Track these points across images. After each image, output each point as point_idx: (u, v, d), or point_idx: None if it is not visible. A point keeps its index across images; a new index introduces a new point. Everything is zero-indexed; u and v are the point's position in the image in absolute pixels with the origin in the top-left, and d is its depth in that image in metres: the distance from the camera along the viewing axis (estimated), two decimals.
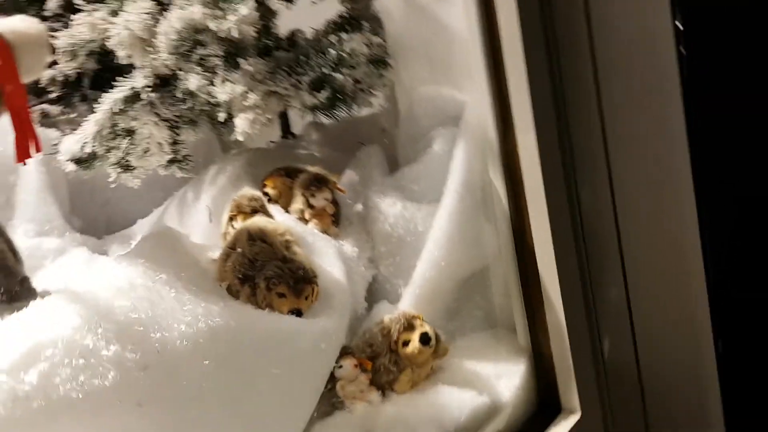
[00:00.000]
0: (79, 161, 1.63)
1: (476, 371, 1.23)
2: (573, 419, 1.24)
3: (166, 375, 0.83)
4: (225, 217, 1.31)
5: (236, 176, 1.55)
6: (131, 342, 0.83)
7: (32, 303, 0.90)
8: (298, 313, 1.09)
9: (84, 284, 0.89)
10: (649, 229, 1.28)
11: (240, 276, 1.11)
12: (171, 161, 1.64)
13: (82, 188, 1.93)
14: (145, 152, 1.58)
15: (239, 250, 1.13)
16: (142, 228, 1.87)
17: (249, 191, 1.31)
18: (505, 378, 1.23)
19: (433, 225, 1.26)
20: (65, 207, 1.84)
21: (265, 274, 1.10)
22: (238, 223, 1.26)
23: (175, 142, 1.64)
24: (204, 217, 1.61)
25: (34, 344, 0.79)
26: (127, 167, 1.61)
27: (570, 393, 1.26)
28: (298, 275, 1.11)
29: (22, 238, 1.64)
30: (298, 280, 1.11)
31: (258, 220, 1.20)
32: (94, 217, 1.94)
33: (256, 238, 1.14)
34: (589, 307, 1.33)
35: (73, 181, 1.89)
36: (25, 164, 1.21)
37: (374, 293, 1.37)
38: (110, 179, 1.56)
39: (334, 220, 1.39)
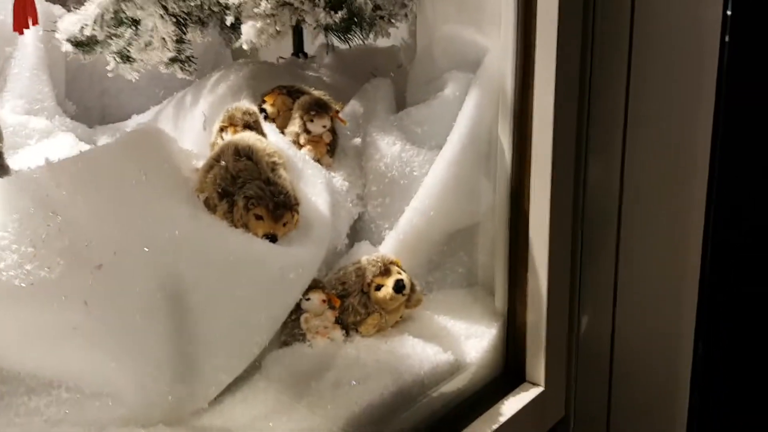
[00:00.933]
0: (77, 43, 1.56)
1: (446, 327, 1.20)
2: (535, 392, 1.22)
3: (118, 277, 0.79)
4: (216, 126, 1.25)
5: (237, 87, 1.48)
6: (87, 239, 0.78)
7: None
8: (273, 238, 1.05)
9: (51, 170, 0.84)
10: (653, 218, 1.23)
11: (219, 190, 1.06)
12: (173, 59, 1.56)
13: (80, 73, 1.87)
14: (147, 45, 1.51)
15: (223, 163, 1.08)
16: (136, 123, 1.81)
17: (245, 104, 1.24)
18: (475, 339, 1.19)
19: (430, 172, 1.20)
20: (60, 89, 1.78)
21: (245, 192, 1.05)
22: (228, 135, 1.20)
23: (180, 40, 1.56)
24: (198, 124, 1.55)
25: None
26: (127, 58, 1.54)
27: (537, 365, 1.23)
28: (279, 199, 1.06)
29: (8, 113, 1.58)
30: (278, 205, 1.06)
31: (248, 136, 1.14)
32: (89, 105, 1.88)
33: (243, 153, 1.09)
34: (574, 282, 1.29)
35: (71, 65, 1.82)
36: (22, 33, 1.15)
37: (357, 232, 1.32)
38: (108, 68, 1.50)
39: (329, 149, 1.33)
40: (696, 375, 1.21)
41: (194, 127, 1.57)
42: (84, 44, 1.56)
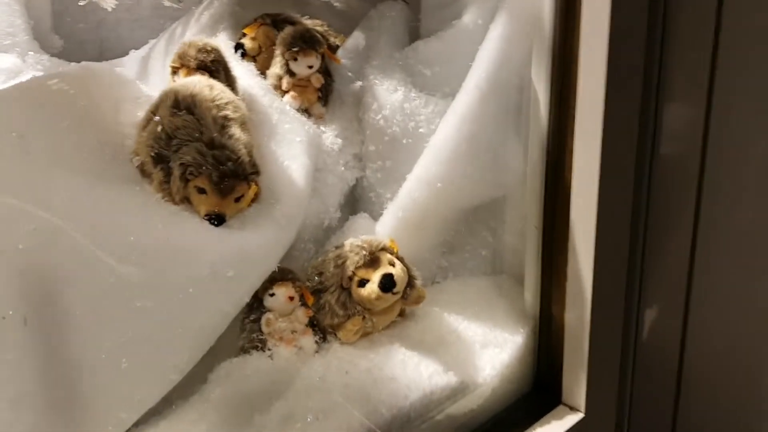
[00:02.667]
0: None
1: (456, 330, 0.93)
2: (573, 418, 0.93)
3: None
4: (168, 69, 0.99)
5: (218, 15, 1.21)
6: None
7: None
8: (219, 218, 0.80)
9: None
10: (744, 190, 0.89)
11: (153, 153, 0.81)
12: None
13: (71, 3, 1.64)
14: None
15: (157, 118, 0.82)
16: (133, 60, 1.58)
17: (201, 40, 0.97)
18: (494, 348, 0.92)
19: (437, 131, 0.90)
20: (45, 22, 1.56)
21: (181, 157, 0.80)
22: (180, 79, 0.94)
23: None
24: None
25: None
26: None
27: (576, 383, 0.94)
28: (227, 167, 0.80)
29: None
30: (224, 174, 0.80)
31: (194, 82, 0.87)
32: (83, 39, 1.66)
33: (183, 105, 0.83)
34: (633, 274, 0.98)
35: None
36: None
37: (355, 201, 1.05)
38: None
39: (320, 96, 1.05)
40: None
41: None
42: None
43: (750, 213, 0.91)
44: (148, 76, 1.42)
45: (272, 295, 0.86)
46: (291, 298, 0.86)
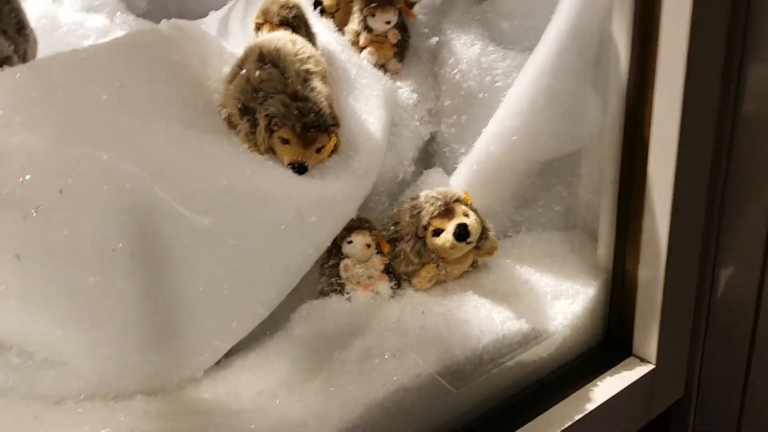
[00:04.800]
0: None
1: (528, 281, 0.94)
2: (642, 369, 0.94)
3: (62, 224, 0.62)
4: (252, 25, 1.03)
5: None
6: (24, 173, 0.61)
7: None
8: (301, 167, 0.84)
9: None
10: None
11: (240, 105, 0.86)
12: None
13: None
14: None
15: (244, 71, 0.86)
16: (213, 21, 1.63)
17: None
18: (565, 299, 0.93)
19: (515, 84, 0.91)
20: None
21: (266, 109, 0.84)
22: (265, 35, 0.98)
23: None
24: None
25: None
26: None
27: (647, 336, 0.95)
28: (309, 119, 0.84)
29: (67, 11, 1.45)
30: (307, 126, 0.84)
31: (278, 37, 0.90)
32: (164, 0, 1.72)
33: (268, 59, 0.87)
34: (709, 230, 0.97)
35: None
36: None
37: (430, 156, 1.08)
38: None
39: (397, 52, 1.07)
40: None
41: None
42: None
43: None
44: (228, 35, 1.47)
45: (350, 242, 0.90)
46: (368, 246, 0.90)
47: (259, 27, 1.00)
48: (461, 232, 0.87)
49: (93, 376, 0.66)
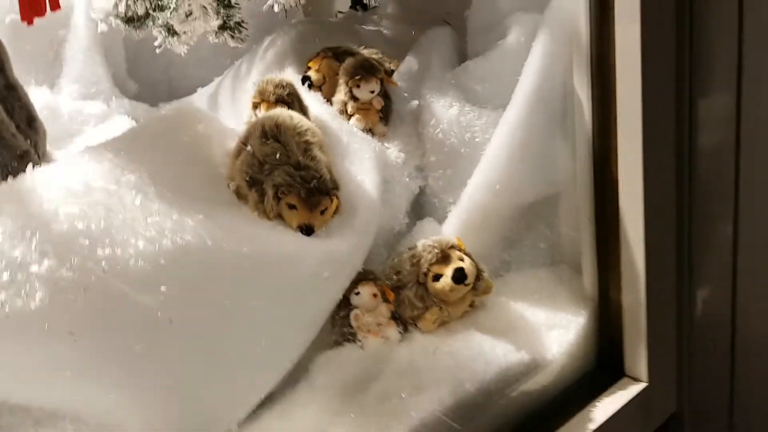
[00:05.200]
0: (126, 20, 1.49)
1: (524, 316, 1.03)
2: (636, 388, 1.03)
3: (109, 300, 0.69)
4: (249, 105, 1.12)
5: (283, 53, 1.35)
6: (70, 257, 0.69)
7: None
8: (309, 229, 0.92)
9: (32, 180, 0.75)
10: None
11: (247, 178, 0.94)
12: (221, 27, 1.45)
13: (142, 49, 1.80)
14: (188, 16, 1.40)
15: (249, 147, 0.96)
16: (202, 97, 1.73)
17: (277, 76, 1.11)
18: (559, 329, 1.02)
19: (492, 139, 1.01)
20: (121, 68, 1.72)
21: (273, 179, 0.92)
22: (262, 113, 1.07)
23: (228, 5, 1.45)
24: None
25: None
26: (172, 31, 1.45)
27: (637, 357, 1.03)
28: (313, 185, 0.92)
29: (66, 99, 1.54)
30: (311, 191, 0.92)
31: (277, 114, 1.00)
32: (155, 81, 1.82)
33: (270, 135, 0.96)
34: (681, 256, 1.07)
35: (130, 42, 1.76)
36: (30, 23, 1.07)
37: (420, 207, 1.16)
38: (156, 43, 1.42)
39: (382, 116, 1.17)
40: None
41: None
42: (131, 20, 1.49)
43: None
44: (218, 110, 1.57)
45: (357, 293, 0.98)
46: (374, 295, 0.98)
47: (256, 106, 1.10)
48: (459, 276, 0.95)
49: None
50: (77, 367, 0.69)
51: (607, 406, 1.01)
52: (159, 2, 1.40)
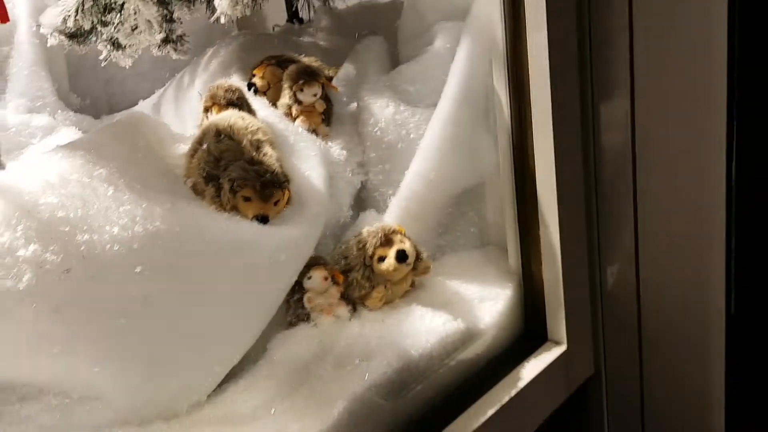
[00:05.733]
0: (70, 35, 1.54)
1: (459, 292, 1.15)
2: (558, 350, 1.16)
3: (90, 280, 0.77)
4: (200, 108, 1.21)
5: (227, 62, 1.44)
6: (53, 243, 0.76)
7: None
8: (264, 219, 1.01)
9: (11, 176, 0.82)
10: (670, 154, 1.13)
11: (204, 174, 1.03)
12: (165, 40, 1.53)
13: (83, 65, 1.85)
14: (134, 30, 1.47)
15: (205, 146, 1.04)
16: (144, 108, 1.79)
17: (226, 81, 1.20)
18: (489, 301, 1.14)
19: (425, 134, 1.14)
20: (63, 83, 1.77)
21: (229, 174, 1.01)
22: (213, 116, 1.16)
23: (170, 20, 1.53)
24: (196, 104, 1.52)
25: None
26: (118, 45, 1.51)
27: (558, 323, 1.17)
28: (266, 178, 1.02)
29: (12, 113, 1.58)
30: (265, 184, 1.02)
31: (229, 115, 1.09)
32: (95, 95, 1.88)
33: (224, 134, 1.05)
34: (591, 234, 1.21)
35: (72, 57, 1.81)
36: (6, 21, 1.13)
37: (363, 201, 1.27)
38: (101, 57, 1.48)
39: (324, 118, 1.28)
40: (730, 321, 1.13)
41: (192, 108, 1.54)
42: (75, 35, 1.54)
43: (677, 180, 1.15)
44: (162, 118, 1.64)
45: (310, 278, 1.07)
46: (325, 279, 1.08)
47: (207, 109, 1.19)
48: (401, 256, 1.06)
49: (122, 407, 0.80)
50: (63, 342, 0.76)
51: (533, 368, 1.13)
52: (103, 18, 1.47)
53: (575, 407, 1.27)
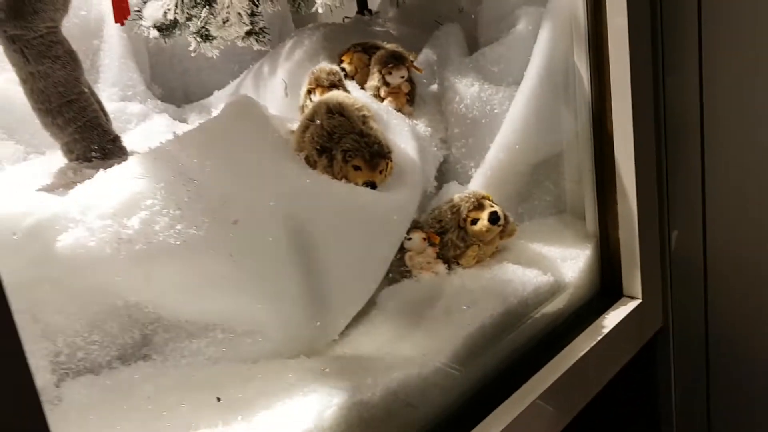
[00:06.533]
0: (160, 28, 1.67)
1: (542, 253, 1.26)
2: (633, 304, 1.27)
3: (252, 230, 0.89)
4: (303, 89, 1.33)
5: (313, 51, 1.56)
6: (223, 198, 0.88)
7: (123, 161, 0.96)
8: (372, 185, 1.13)
9: (180, 142, 0.94)
10: (736, 123, 1.24)
11: (318, 147, 1.15)
12: (248, 33, 1.65)
13: (162, 57, 1.98)
14: (225, 22, 1.60)
15: (318, 122, 1.16)
16: (218, 99, 1.92)
17: (327, 65, 1.32)
18: (570, 261, 1.25)
19: (511, 108, 1.25)
20: (146, 74, 1.90)
21: (342, 146, 1.13)
22: (316, 97, 1.28)
23: (253, 13, 1.65)
24: (279, 91, 1.64)
25: (134, 194, 0.85)
26: (206, 37, 1.64)
27: (633, 279, 1.28)
28: (374, 149, 1.14)
29: (106, 102, 1.70)
30: (373, 154, 1.13)
31: (336, 94, 1.21)
32: (173, 86, 2.00)
33: (335, 111, 1.17)
34: (662, 198, 1.32)
35: (153, 50, 1.94)
36: (123, 24, 1.25)
37: (444, 174, 1.39)
38: (190, 48, 1.60)
39: (408, 99, 1.40)
40: None
41: (275, 94, 1.66)
42: (166, 28, 1.67)
43: (744, 143, 1.26)
44: None
45: (410, 239, 1.19)
46: (424, 239, 1.20)
47: (310, 91, 1.31)
48: (494, 217, 1.18)
49: (277, 341, 0.92)
50: (235, 283, 0.88)
51: (609, 321, 1.25)
52: (198, 11, 1.60)
53: (646, 359, 1.38)
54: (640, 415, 1.47)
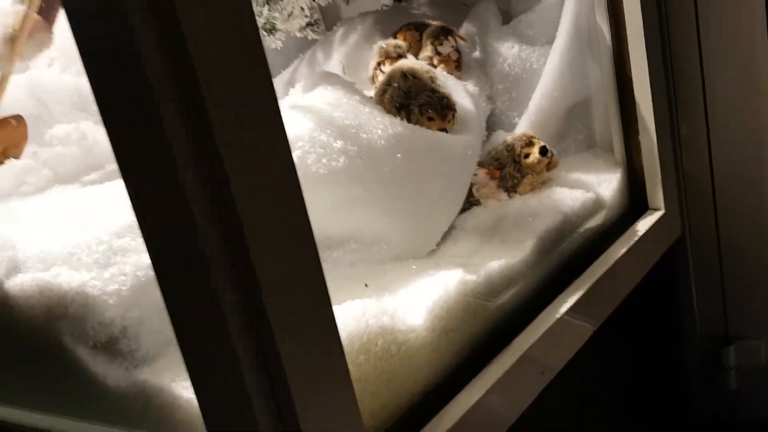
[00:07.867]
0: None
1: (581, 179, 1.55)
2: (658, 214, 1.56)
3: (375, 163, 1.18)
4: (372, 63, 1.61)
5: (368, 33, 1.84)
6: (349, 139, 1.16)
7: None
8: (445, 131, 1.41)
9: (307, 102, 1.22)
10: (733, 69, 1.53)
11: (397, 105, 1.43)
12: (308, 24, 1.93)
13: None
14: (290, 15, 1.88)
15: (395, 84, 1.44)
16: (277, 85, 2.18)
17: (393, 41, 1.60)
18: (605, 183, 1.54)
19: (547, 63, 1.53)
20: None
21: (418, 101, 1.41)
22: (386, 67, 1.56)
23: (309, 7, 1.93)
24: (339, 72, 1.92)
25: (292, 137, 1.13)
26: (271, 29, 1.92)
27: (656, 194, 1.56)
28: (444, 102, 1.42)
29: None
30: (443, 107, 1.41)
31: (407, 61, 1.49)
32: None
33: (409, 74, 1.44)
34: (674, 130, 1.61)
35: None
36: None
37: (491, 125, 1.67)
38: None
39: (456, 65, 1.68)
40: None
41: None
42: None
43: (745, 56, 1.54)
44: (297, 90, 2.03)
45: (476, 174, 1.48)
46: (486, 174, 1.48)
47: (380, 63, 1.59)
48: (544, 150, 1.46)
49: (396, 248, 1.20)
50: (366, 204, 1.16)
51: (640, 228, 1.53)
52: (269, 8, 1.87)
53: (668, 263, 1.67)
54: (664, 313, 1.76)
